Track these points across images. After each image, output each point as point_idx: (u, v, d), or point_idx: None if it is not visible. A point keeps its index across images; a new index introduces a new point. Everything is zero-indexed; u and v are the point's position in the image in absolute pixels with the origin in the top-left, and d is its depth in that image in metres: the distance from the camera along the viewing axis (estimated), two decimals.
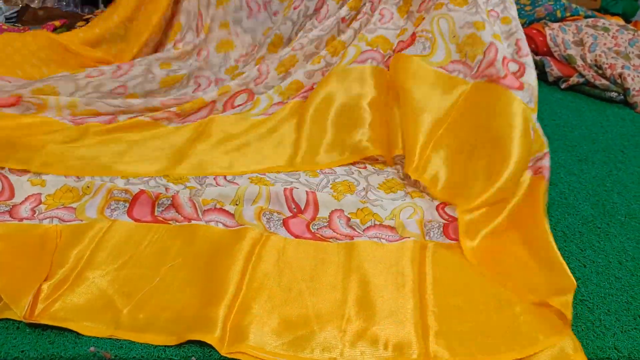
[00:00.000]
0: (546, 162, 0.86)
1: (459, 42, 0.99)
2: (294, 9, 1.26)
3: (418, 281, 0.71)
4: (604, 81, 1.37)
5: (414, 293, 0.69)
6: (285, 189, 0.85)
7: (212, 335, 0.60)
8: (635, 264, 0.77)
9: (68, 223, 0.76)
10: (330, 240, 0.78)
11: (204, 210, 0.81)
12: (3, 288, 0.63)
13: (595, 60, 1.40)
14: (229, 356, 0.60)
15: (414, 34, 1.04)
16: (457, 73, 0.97)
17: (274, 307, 0.66)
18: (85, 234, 0.74)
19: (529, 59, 0.94)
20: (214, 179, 0.90)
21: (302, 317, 0.65)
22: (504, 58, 0.91)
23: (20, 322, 0.62)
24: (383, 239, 0.79)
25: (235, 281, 0.67)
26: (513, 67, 0.93)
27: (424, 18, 1.05)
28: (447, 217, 0.85)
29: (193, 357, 0.59)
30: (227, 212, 0.81)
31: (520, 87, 0.87)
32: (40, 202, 0.80)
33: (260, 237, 0.76)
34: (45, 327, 0.61)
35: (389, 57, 1.08)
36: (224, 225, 0.79)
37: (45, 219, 0.77)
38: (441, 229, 0.82)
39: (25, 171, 0.86)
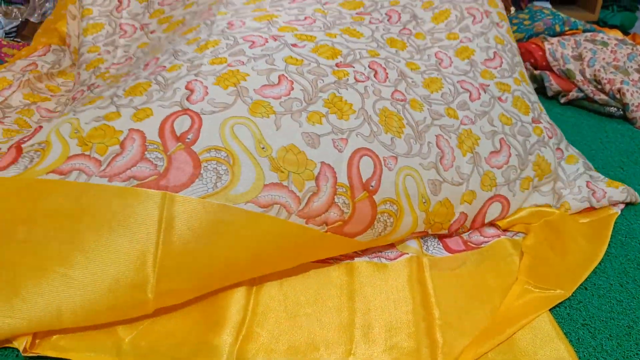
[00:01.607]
0: None
1: None
2: None
3: (421, 298, 0.71)
4: (603, 96, 1.37)
5: (418, 310, 0.70)
6: None
7: None
8: (636, 286, 0.77)
9: None
10: (330, 261, 0.78)
11: None
12: None
13: (594, 75, 1.40)
14: None
15: None
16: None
17: (282, 333, 0.65)
18: None
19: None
20: None
21: (310, 343, 0.65)
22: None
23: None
24: (383, 257, 0.79)
25: (239, 306, 0.67)
26: None
27: None
28: None
29: None
30: None
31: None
32: None
33: None
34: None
35: None
36: None
37: None
38: (437, 239, 0.83)
39: None
